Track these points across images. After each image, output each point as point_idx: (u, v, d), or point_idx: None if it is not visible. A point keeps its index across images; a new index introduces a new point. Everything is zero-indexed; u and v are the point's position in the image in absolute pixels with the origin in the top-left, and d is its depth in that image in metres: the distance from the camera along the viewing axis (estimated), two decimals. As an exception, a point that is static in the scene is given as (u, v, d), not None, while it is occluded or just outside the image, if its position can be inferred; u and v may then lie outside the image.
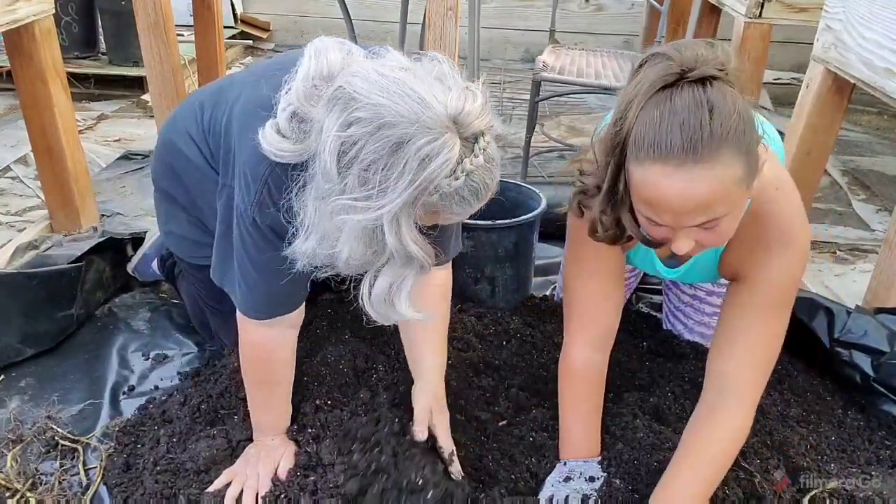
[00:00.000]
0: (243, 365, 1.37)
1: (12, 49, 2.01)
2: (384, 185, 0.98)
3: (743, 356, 1.21)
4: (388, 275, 1.09)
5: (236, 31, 4.84)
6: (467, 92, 1.03)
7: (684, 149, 0.97)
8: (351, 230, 1.02)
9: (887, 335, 1.56)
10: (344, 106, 1.00)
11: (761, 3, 2.31)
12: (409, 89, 0.99)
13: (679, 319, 1.78)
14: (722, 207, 1.02)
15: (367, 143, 0.98)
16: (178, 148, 1.43)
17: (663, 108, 1.00)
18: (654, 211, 1.04)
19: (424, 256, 1.07)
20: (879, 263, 1.69)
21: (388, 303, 1.11)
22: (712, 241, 1.08)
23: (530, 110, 2.80)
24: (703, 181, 0.99)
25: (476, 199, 1.04)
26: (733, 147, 0.98)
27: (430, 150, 0.97)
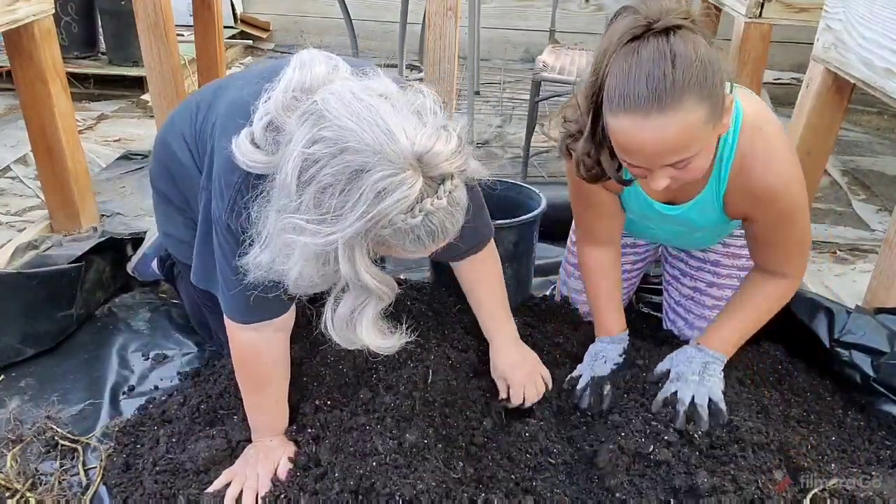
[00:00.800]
0: (235, 367, 1.38)
1: (12, 49, 2.01)
2: (338, 212, 0.97)
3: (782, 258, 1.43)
4: (348, 300, 1.08)
5: (236, 31, 4.84)
6: (441, 132, 1.01)
7: (650, 99, 1.07)
8: (301, 251, 1.01)
9: (887, 335, 1.56)
10: (314, 122, 0.99)
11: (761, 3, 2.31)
12: (379, 118, 0.97)
13: (679, 315, 1.78)
14: (691, 148, 1.13)
15: (328, 164, 0.97)
16: (172, 150, 1.43)
17: (631, 59, 1.09)
18: (630, 155, 1.16)
19: (380, 287, 1.06)
20: (879, 263, 1.69)
21: (350, 328, 1.10)
22: (686, 177, 1.19)
23: (530, 110, 2.80)
24: (671, 127, 1.09)
25: (432, 241, 1.03)
26: (696, 93, 1.08)
27: (387, 184, 0.95)
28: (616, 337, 1.63)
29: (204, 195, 1.29)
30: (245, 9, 4.98)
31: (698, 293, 1.75)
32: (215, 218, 1.22)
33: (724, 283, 1.72)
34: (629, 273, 1.85)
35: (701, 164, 1.18)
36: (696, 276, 1.76)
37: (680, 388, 1.41)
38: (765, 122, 1.31)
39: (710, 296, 1.74)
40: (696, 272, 1.76)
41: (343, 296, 1.09)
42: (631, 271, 1.86)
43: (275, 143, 1.06)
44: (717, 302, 1.72)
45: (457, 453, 1.39)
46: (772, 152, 1.31)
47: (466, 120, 3.35)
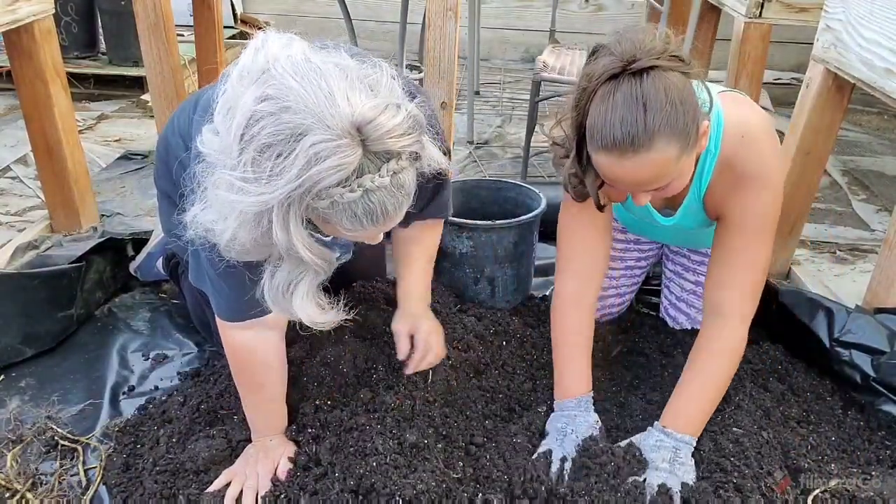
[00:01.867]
0: (230, 367, 1.38)
1: (12, 49, 2.01)
2: (272, 173, 0.94)
3: (731, 282, 1.40)
4: (285, 269, 1.07)
5: (236, 31, 4.84)
6: (391, 107, 0.97)
7: (625, 142, 1.16)
8: (236, 212, 0.98)
9: (887, 335, 1.56)
10: (264, 81, 0.96)
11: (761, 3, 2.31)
12: (323, 81, 0.94)
13: (681, 311, 1.78)
14: (665, 179, 1.22)
15: (269, 123, 0.94)
16: (172, 148, 1.43)
17: (608, 102, 1.18)
18: (612, 183, 1.26)
19: (315, 260, 1.03)
20: (879, 263, 1.68)
21: (287, 297, 1.09)
22: (666, 195, 1.30)
23: (530, 110, 2.80)
24: (645, 165, 1.18)
25: (370, 222, 1.00)
26: (666, 134, 1.16)
27: (321, 149, 0.92)
28: (580, 401, 1.46)
29: None
30: (245, 9, 4.98)
31: (700, 287, 1.76)
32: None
33: None
34: (632, 270, 1.86)
35: (679, 185, 1.27)
36: (698, 271, 1.77)
37: (649, 476, 1.30)
38: (749, 129, 1.37)
39: None
40: (699, 266, 1.77)
41: (280, 265, 1.07)
42: (634, 268, 1.87)
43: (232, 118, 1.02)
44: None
45: (457, 453, 1.39)
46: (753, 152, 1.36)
47: (466, 119, 3.35)
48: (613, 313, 1.86)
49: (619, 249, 1.84)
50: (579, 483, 1.28)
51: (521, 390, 1.61)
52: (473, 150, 3.26)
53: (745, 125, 1.37)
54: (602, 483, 1.28)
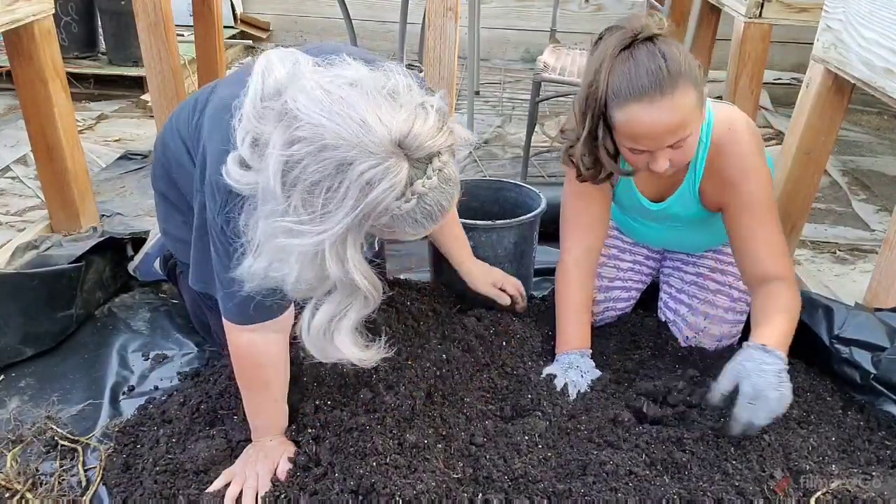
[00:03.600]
0: (234, 369, 1.37)
1: (12, 49, 2.01)
2: (326, 209, 0.96)
3: (765, 255, 1.50)
4: (330, 305, 1.07)
5: (236, 31, 4.84)
6: (419, 111, 0.99)
7: (652, 87, 1.30)
8: (296, 255, 1.00)
9: (887, 332, 1.56)
10: (288, 123, 0.97)
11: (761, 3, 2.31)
12: (351, 110, 0.95)
13: (682, 302, 1.78)
14: (688, 127, 1.34)
15: (310, 163, 0.95)
16: (171, 149, 1.43)
17: (629, 63, 1.32)
18: (637, 141, 1.36)
19: (369, 287, 1.04)
20: (879, 263, 1.68)
21: (328, 337, 1.08)
22: (680, 158, 1.40)
23: (530, 110, 2.80)
24: (671, 109, 1.31)
25: (430, 221, 1.03)
26: (686, 80, 1.31)
27: (372, 175, 0.94)
28: (584, 351, 1.64)
29: (198, 198, 1.28)
30: (245, 9, 4.98)
31: (702, 278, 1.78)
32: (210, 220, 1.21)
33: (726, 269, 1.76)
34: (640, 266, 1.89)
35: (691, 145, 1.39)
36: (698, 263, 1.80)
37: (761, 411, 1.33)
38: (734, 122, 1.52)
39: (713, 280, 1.76)
40: (699, 259, 1.80)
41: (322, 302, 1.07)
42: (643, 265, 1.89)
43: (261, 157, 1.04)
44: (721, 287, 1.74)
45: (457, 453, 1.39)
46: (740, 144, 1.50)
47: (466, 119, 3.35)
48: (618, 309, 1.85)
49: (629, 243, 1.89)
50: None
51: (521, 391, 1.61)
52: (473, 150, 3.26)
53: (731, 120, 1.52)
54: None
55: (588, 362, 1.63)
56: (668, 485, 1.28)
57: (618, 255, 1.87)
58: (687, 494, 1.26)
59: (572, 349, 1.63)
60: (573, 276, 1.68)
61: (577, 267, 1.68)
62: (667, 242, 1.85)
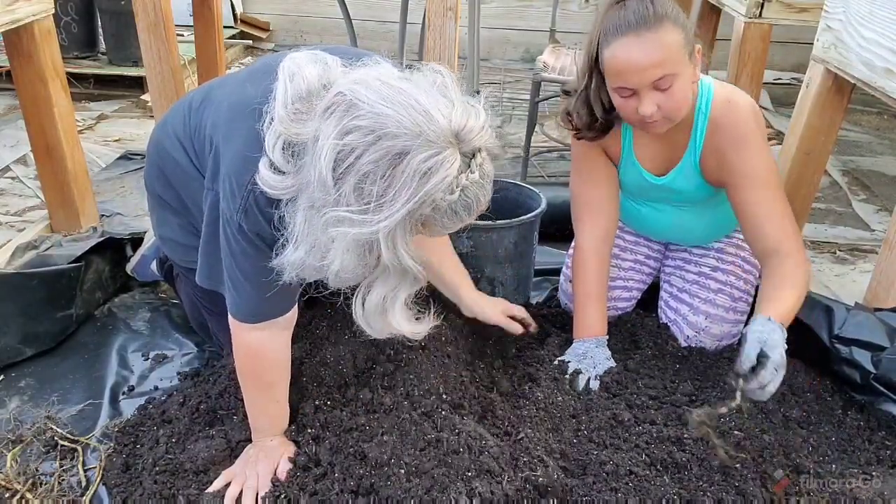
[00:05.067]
0: (238, 367, 1.37)
1: (12, 49, 2.01)
2: (382, 199, 0.97)
3: (773, 230, 1.50)
4: (380, 287, 1.08)
5: (236, 31, 4.84)
6: (470, 108, 1.03)
7: (637, 23, 1.37)
8: (344, 242, 1.00)
9: (887, 331, 1.56)
10: (343, 113, 0.98)
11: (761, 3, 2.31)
12: (413, 101, 0.97)
13: (683, 301, 1.77)
14: (673, 65, 1.38)
15: (366, 152, 0.96)
16: (166, 150, 1.42)
17: (618, 10, 1.40)
18: (622, 77, 1.41)
19: (418, 269, 1.06)
20: (879, 263, 1.68)
21: (383, 316, 1.10)
22: (670, 105, 1.42)
23: (530, 110, 2.80)
24: (655, 42, 1.37)
25: (468, 214, 1.05)
26: (672, 21, 1.38)
27: (431, 164, 0.96)
28: (600, 340, 1.67)
29: (210, 196, 1.28)
30: (245, 9, 4.98)
31: (703, 277, 1.77)
32: (226, 219, 1.21)
33: (728, 269, 1.75)
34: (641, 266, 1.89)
35: (680, 91, 1.42)
36: (700, 262, 1.80)
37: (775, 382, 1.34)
38: (734, 96, 1.55)
39: (714, 279, 1.76)
40: (701, 258, 1.80)
41: (374, 284, 1.08)
42: (643, 264, 1.89)
43: (296, 161, 1.05)
44: (723, 287, 1.74)
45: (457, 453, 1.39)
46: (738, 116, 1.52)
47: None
48: (619, 308, 1.85)
49: (630, 241, 1.89)
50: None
51: (521, 392, 1.61)
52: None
53: (731, 95, 1.56)
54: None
55: (603, 352, 1.65)
56: (668, 485, 1.28)
57: (619, 255, 1.87)
58: (687, 494, 1.26)
59: (590, 336, 1.67)
60: (591, 264, 1.69)
61: (595, 254, 1.70)
62: (670, 231, 1.83)
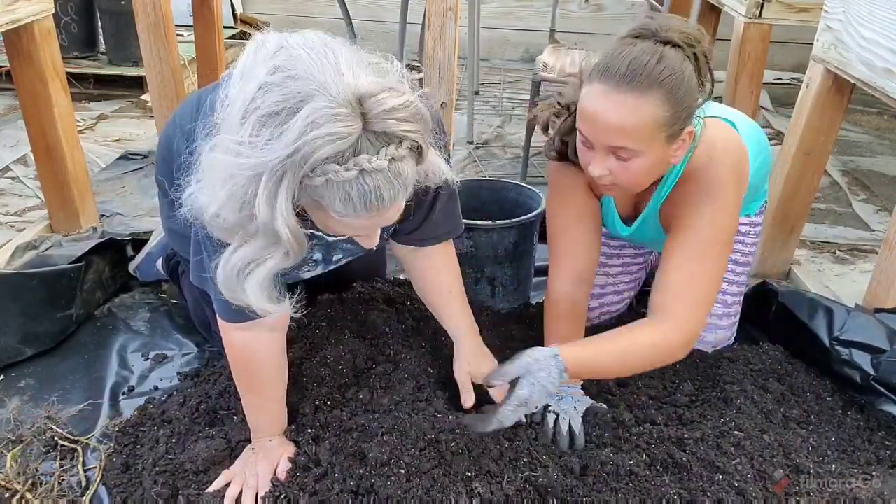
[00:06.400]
0: (231, 368, 1.37)
1: (12, 49, 2.01)
2: (269, 139, 0.93)
3: (675, 290, 1.33)
4: (250, 248, 1.03)
5: (236, 31, 4.83)
6: (396, 91, 0.97)
7: (624, 77, 1.18)
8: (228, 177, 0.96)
9: (887, 333, 1.56)
10: (275, 55, 0.96)
11: (761, 4, 2.31)
12: (332, 55, 0.95)
13: None
14: (636, 139, 1.21)
15: (274, 91, 0.93)
16: (175, 146, 1.42)
17: (626, 47, 1.21)
18: (584, 122, 1.25)
19: (292, 241, 1.00)
20: (879, 264, 1.68)
21: (240, 279, 1.06)
22: (622, 177, 1.27)
23: (530, 110, 2.80)
24: (630, 107, 1.18)
25: (363, 206, 0.97)
26: (665, 93, 1.18)
27: (320, 115, 0.91)
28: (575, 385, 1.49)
29: None
30: (245, 9, 4.98)
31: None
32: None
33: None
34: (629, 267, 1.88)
35: (639, 169, 1.26)
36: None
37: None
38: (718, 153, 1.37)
39: None
40: None
41: (243, 244, 1.04)
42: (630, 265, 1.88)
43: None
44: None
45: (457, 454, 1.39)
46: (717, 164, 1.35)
47: (466, 119, 3.35)
48: (613, 311, 1.86)
49: (615, 246, 1.85)
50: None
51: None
52: (473, 150, 3.26)
53: (714, 149, 1.37)
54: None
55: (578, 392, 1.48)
56: (668, 485, 1.28)
57: (605, 262, 1.82)
58: (687, 495, 1.26)
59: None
60: (562, 309, 1.51)
61: (567, 297, 1.51)
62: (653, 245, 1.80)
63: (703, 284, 1.34)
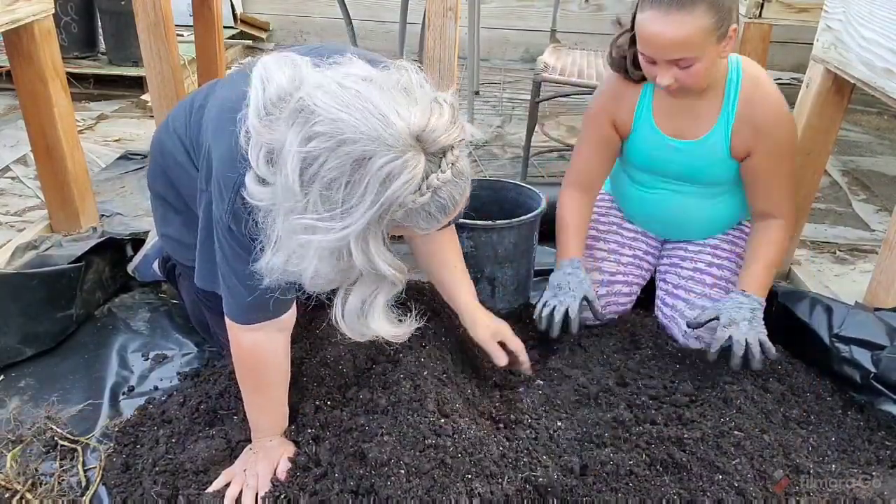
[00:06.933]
0: (236, 369, 1.37)
1: (12, 49, 2.01)
2: (347, 205, 0.97)
3: (776, 196, 1.68)
4: (359, 291, 1.08)
5: (236, 31, 4.84)
6: (434, 105, 1.00)
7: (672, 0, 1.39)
8: (316, 249, 1.00)
9: (886, 330, 1.56)
10: (305, 120, 0.97)
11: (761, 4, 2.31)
12: (369, 104, 0.96)
13: (679, 297, 1.78)
14: (694, 49, 1.43)
15: (329, 159, 0.96)
16: (168, 150, 1.43)
17: None
18: (645, 45, 1.47)
19: (394, 273, 1.06)
20: (879, 264, 1.68)
21: (362, 320, 1.10)
22: (687, 81, 1.50)
23: (531, 110, 2.80)
24: (681, 24, 1.40)
25: (443, 215, 1.04)
26: (708, 4, 1.40)
27: (391, 168, 0.95)
28: (574, 261, 1.75)
29: (204, 197, 1.28)
30: (245, 9, 4.98)
31: (699, 273, 1.80)
32: (216, 219, 1.21)
33: (724, 265, 1.79)
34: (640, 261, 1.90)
35: (700, 72, 1.48)
36: (696, 259, 1.83)
37: (735, 333, 1.55)
38: (762, 75, 1.65)
39: (710, 275, 1.79)
40: (697, 255, 1.83)
41: (353, 287, 1.08)
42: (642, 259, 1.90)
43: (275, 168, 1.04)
44: (717, 281, 1.76)
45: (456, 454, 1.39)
46: (769, 95, 1.62)
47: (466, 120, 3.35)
48: (621, 303, 1.85)
49: (628, 238, 1.91)
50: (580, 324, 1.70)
51: (520, 393, 1.61)
52: (473, 150, 3.26)
53: (757, 73, 1.65)
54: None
55: (577, 275, 1.72)
56: (668, 485, 1.28)
57: (617, 251, 1.89)
58: (687, 495, 1.26)
59: (566, 258, 1.76)
60: (574, 202, 1.81)
61: (573, 199, 1.81)
62: (670, 218, 1.86)
63: (793, 184, 1.71)
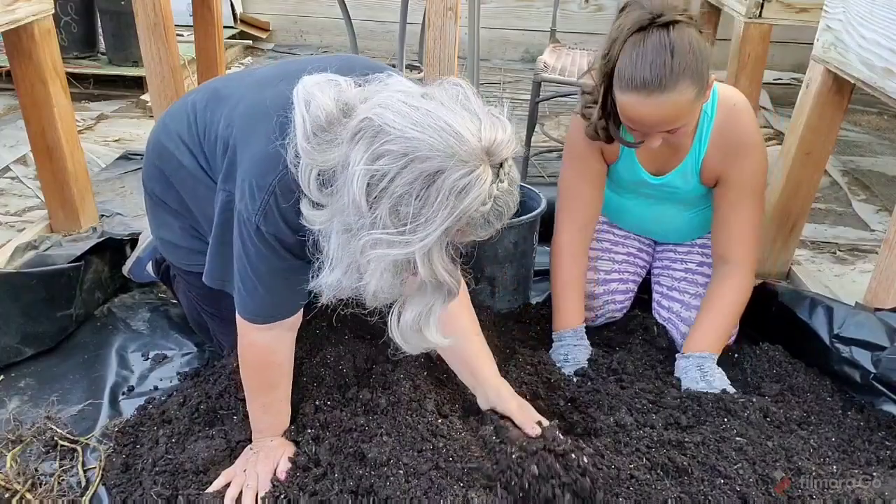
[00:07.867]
0: (242, 368, 1.37)
1: (12, 49, 2.01)
2: (418, 219, 0.98)
3: (737, 236, 1.65)
4: (415, 304, 1.09)
5: (236, 31, 4.83)
6: (496, 121, 1.04)
7: (652, 82, 1.36)
8: (383, 264, 1.02)
9: (887, 331, 1.56)
10: (372, 138, 0.99)
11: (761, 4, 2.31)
12: (443, 123, 0.98)
13: (675, 299, 1.80)
14: (682, 120, 1.44)
15: (399, 175, 0.97)
16: (169, 152, 1.41)
17: (638, 48, 1.37)
18: (633, 124, 1.47)
19: (453, 283, 1.08)
20: (879, 264, 1.68)
21: (418, 332, 1.11)
22: (676, 140, 1.53)
23: (531, 110, 2.80)
24: (666, 105, 1.39)
25: (499, 221, 1.06)
26: (688, 78, 1.37)
27: (465, 182, 0.97)
28: (577, 331, 1.73)
29: (221, 196, 1.28)
30: (245, 9, 4.98)
31: (690, 273, 1.83)
32: (243, 220, 1.21)
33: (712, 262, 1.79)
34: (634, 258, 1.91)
35: (689, 128, 1.49)
36: (686, 259, 1.85)
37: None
38: (739, 102, 1.62)
39: (701, 274, 1.81)
40: (686, 255, 1.86)
41: (409, 301, 1.10)
42: (636, 257, 1.91)
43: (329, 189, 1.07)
44: (709, 280, 1.76)
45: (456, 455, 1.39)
46: (741, 122, 1.60)
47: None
48: (618, 301, 1.85)
49: (621, 236, 1.93)
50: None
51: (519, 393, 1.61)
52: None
53: (733, 99, 1.62)
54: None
55: (582, 346, 1.71)
56: (669, 489, 1.27)
57: (611, 249, 1.90)
58: (688, 499, 1.26)
59: (568, 327, 1.74)
60: (568, 254, 1.77)
61: (571, 243, 1.77)
62: (653, 224, 1.88)
63: (756, 227, 1.65)
